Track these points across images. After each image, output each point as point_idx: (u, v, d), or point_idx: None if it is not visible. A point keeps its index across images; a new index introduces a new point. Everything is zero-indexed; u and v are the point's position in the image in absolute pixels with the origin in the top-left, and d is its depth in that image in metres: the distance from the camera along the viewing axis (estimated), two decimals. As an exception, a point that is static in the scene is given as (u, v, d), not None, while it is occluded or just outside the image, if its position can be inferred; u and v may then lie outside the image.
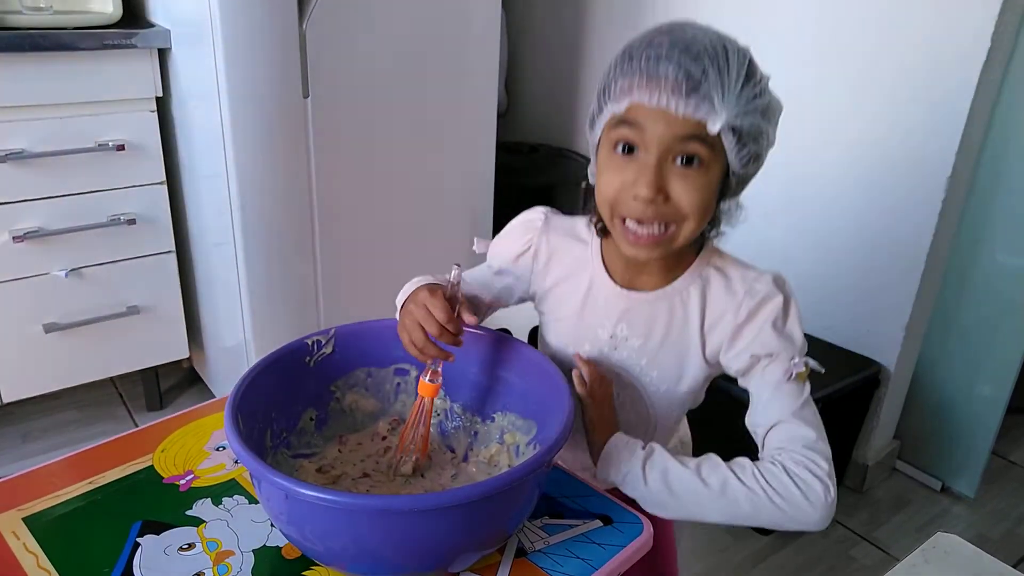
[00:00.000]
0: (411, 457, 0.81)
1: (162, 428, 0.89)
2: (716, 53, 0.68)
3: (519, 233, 0.90)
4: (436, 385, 0.79)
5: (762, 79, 0.71)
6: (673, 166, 0.70)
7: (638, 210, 0.71)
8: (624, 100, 0.70)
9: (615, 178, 0.73)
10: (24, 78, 1.51)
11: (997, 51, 1.49)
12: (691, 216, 0.72)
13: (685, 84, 0.67)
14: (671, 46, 0.68)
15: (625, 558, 0.73)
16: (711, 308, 0.80)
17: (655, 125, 0.69)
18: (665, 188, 0.70)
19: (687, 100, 0.67)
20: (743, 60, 0.69)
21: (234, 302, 1.68)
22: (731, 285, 0.80)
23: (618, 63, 0.72)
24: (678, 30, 0.70)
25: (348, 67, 1.56)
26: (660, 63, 0.67)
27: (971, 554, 0.77)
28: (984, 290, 1.72)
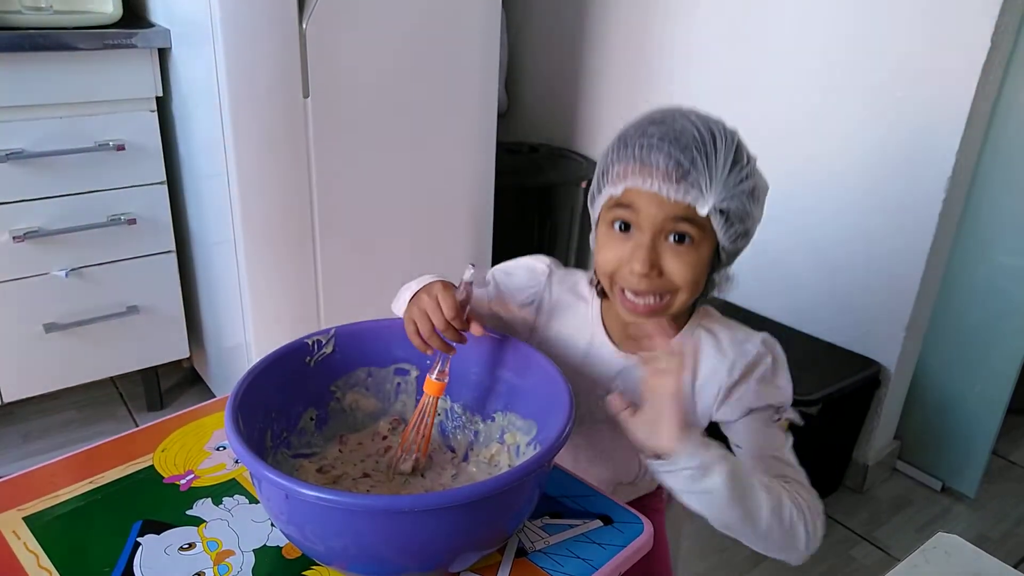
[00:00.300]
0: (411, 455, 0.81)
1: (162, 428, 0.89)
2: (704, 142, 0.74)
3: (523, 282, 0.93)
4: (443, 383, 0.80)
5: (749, 162, 0.77)
6: (666, 243, 0.76)
7: (634, 283, 0.77)
8: (620, 184, 0.76)
9: (613, 253, 0.78)
10: (24, 78, 1.51)
11: (997, 51, 1.49)
12: (684, 288, 0.77)
13: (675, 172, 0.73)
14: (662, 137, 0.74)
15: (625, 558, 0.73)
16: (702, 368, 0.85)
17: (649, 207, 0.75)
18: (659, 264, 0.76)
19: (677, 186, 0.73)
20: (730, 147, 0.75)
21: (234, 302, 1.68)
22: (721, 346, 0.85)
23: (614, 149, 0.78)
24: (669, 119, 0.76)
25: (348, 67, 1.56)
26: (652, 152, 0.74)
27: (972, 554, 0.77)
28: (984, 290, 1.72)
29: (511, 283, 0.93)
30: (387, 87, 1.63)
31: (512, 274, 0.94)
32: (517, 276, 0.93)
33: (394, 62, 1.62)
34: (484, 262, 1.95)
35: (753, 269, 1.93)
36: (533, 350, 0.82)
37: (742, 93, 1.89)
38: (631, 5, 2.09)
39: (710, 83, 1.95)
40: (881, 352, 1.76)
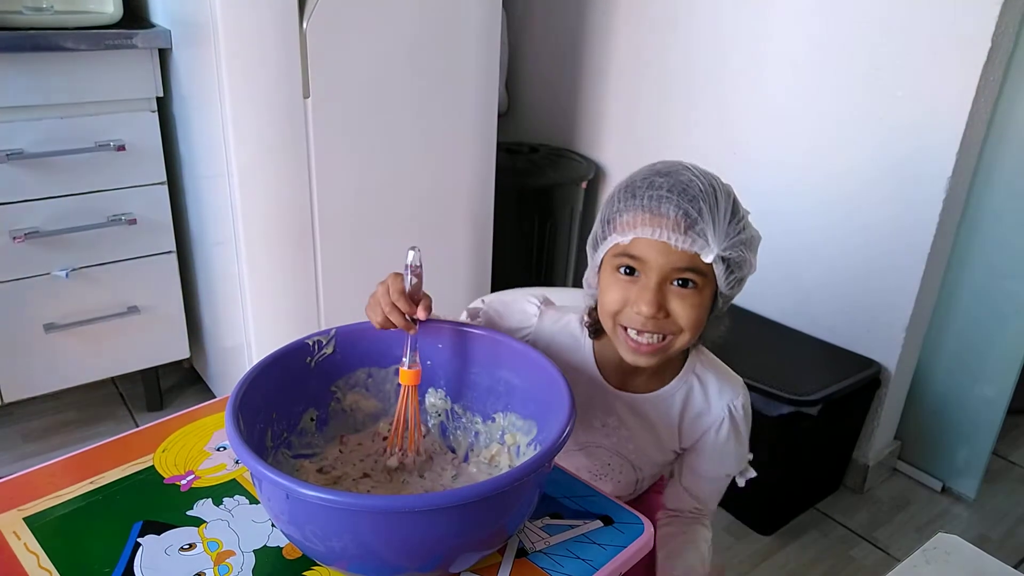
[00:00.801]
0: (396, 451, 0.81)
1: (162, 428, 0.89)
2: (708, 195, 0.78)
3: (516, 323, 0.95)
4: (416, 371, 0.80)
5: (744, 215, 0.81)
6: (671, 287, 0.80)
7: (639, 322, 0.80)
8: (628, 233, 0.79)
9: (619, 295, 0.81)
10: (24, 78, 1.51)
11: (997, 51, 1.49)
12: (687, 330, 0.81)
13: (683, 222, 0.77)
14: (670, 189, 0.78)
15: (626, 558, 0.73)
16: (690, 410, 0.92)
17: (656, 256, 0.78)
18: (665, 306, 0.80)
19: (685, 236, 0.77)
20: (729, 200, 0.80)
21: (235, 302, 1.68)
22: (708, 394, 0.91)
23: (621, 198, 0.81)
24: (674, 172, 0.80)
25: (348, 67, 1.56)
26: (662, 203, 0.77)
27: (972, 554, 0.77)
28: (984, 290, 1.72)
29: (501, 321, 0.95)
30: (387, 87, 1.63)
31: (504, 314, 0.96)
32: (509, 317, 0.95)
33: (394, 62, 1.62)
34: (484, 262, 1.96)
35: (753, 269, 1.94)
36: (533, 350, 0.82)
37: (742, 93, 1.89)
38: (631, 5, 2.09)
39: (710, 83, 1.95)
40: (881, 352, 1.76)
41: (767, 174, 1.86)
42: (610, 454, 0.96)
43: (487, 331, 0.86)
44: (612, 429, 0.93)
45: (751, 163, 1.89)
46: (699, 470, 0.95)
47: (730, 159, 1.92)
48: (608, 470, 0.97)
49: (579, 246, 2.32)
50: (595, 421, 0.93)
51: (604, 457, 0.96)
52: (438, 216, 1.82)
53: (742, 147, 1.90)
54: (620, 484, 0.99)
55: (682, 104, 2.03)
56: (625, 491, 1.00)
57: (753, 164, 1.88)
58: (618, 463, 0.97)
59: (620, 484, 0.99)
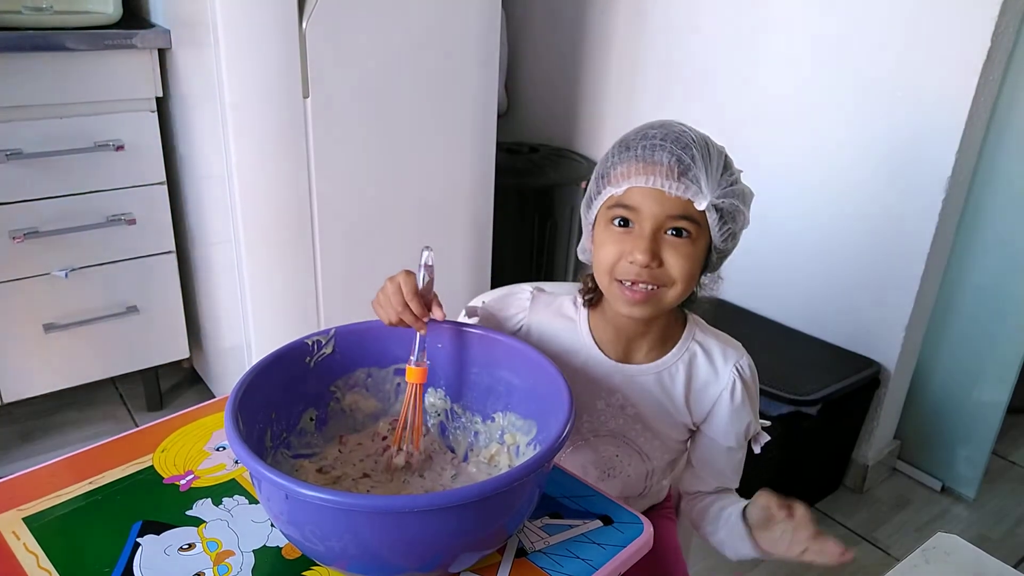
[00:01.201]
0: (403, 449, 0.81)
1: (162, 428, 0.89)
2: (700, 145, 0.79)
3: (508, 312, 0.94)
4: (423, 368, 0.80)
5: (736, 172, 0.82)
6: (665, 237, 0.80)
7: (634, 272, 0.80)
8: (623, 184, 0.80)
9: (614, 248, 0.81)
10: (25, 78, 1.51)
11: (997, 51, 1.49)
12: (679, 280, 0.81)
13: (677, 168, 0.77)
14: (663, 138, 0.79)
15: (625, 558, 0.73)
16: (696, 379, 0.90)
17: (651, 204, 0.79)
18: (659, 255, 0.80)
19: (678, 183, 0.77)
20: (721, 153, 0.81)
21: (234, 302, 1.68)
22: (713, 360, 0.90)
23: (615, 152, 0.82)
24: (668, 126, 0.81)
25: (348, 67, 1.56)
26: (655, 151, 0.78)
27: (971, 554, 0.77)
28: (984, 290, 1.72)
29: (497, 314, 0.95)
30: (387, 87, 1.63)
31: (499, 307, 0.95)
32: (501, 307, 0.95)
33: (394, 62, 1.62)
34: (484, 262, 1.96)
35: (753, 269, 1.94)
36: (533, 350, 0.82)
37: (742, 93, 1.89)
38: (631, 5, 2.09)
39: (710, 83, 1.95)
40: (881, 352, 1.76)
41: (767, 174, 1.86)
42: (617, 444, 0.94)
43: (487, 331, 0.86)
44: (616, 409, 0.91)
45: (751, 163, 1.87)
46: (718, 440, 0.92)
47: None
48: (616, 463, 0.95)
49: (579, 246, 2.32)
50: (598, 402, 0.91)
51: (611, 449, 0.94)
52: (438, 216, 1.82)
53: (742, 147, 1.89)
54: (631, 479, 0.96)
55: (682, 104, 2.03)
56: (636, 488, 0.98)
57: (753, 164, 1.87)
58: (626, 454, 0.94)
59: (631, 479, 0.96)
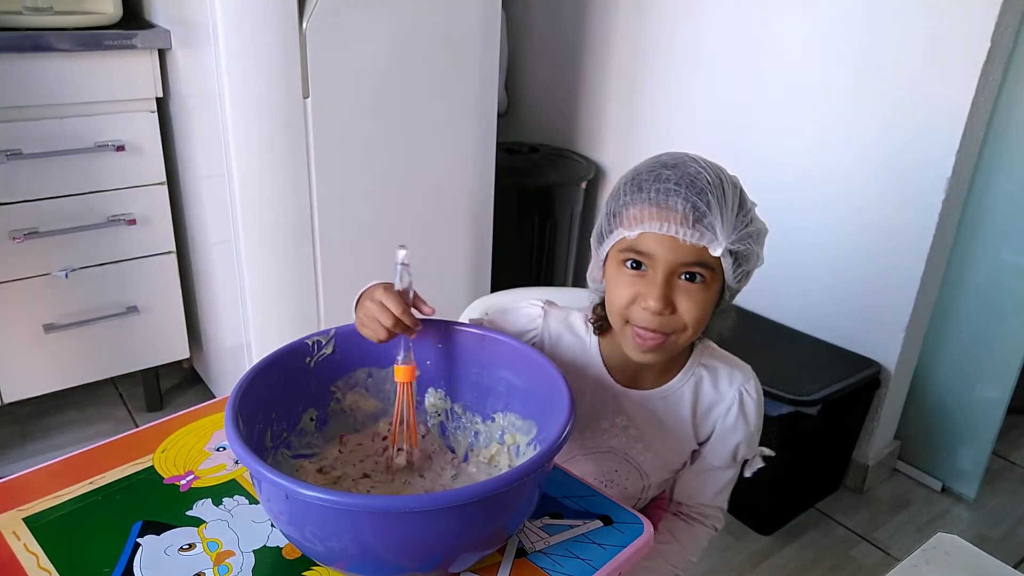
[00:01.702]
0: (402, 449, 0.81)
1: (162, 428, 0.89)
2: (715, 187, 0.77)
3: (522, 326, 0.94)
4: (411, 367, 0.80)
5: (751, 207, 0.81)
6: (679, 282, 0.79)
7: (647, 319, 0.79)
8: (636, 228, 0.78)
9: (627, 291, 0.80)
10: (24, 78, 1.51)
11: (997, 51, 1.49)
12: (691, 327, 0.80)
13: (692, 216, 0.76)
14: (678, 182, 0.77)
15: (625, 558, 0.73)
16: (702, 402, 0.91)
17: (664, 251, 0.77)
18: (672, 302, 0.79)
19: (693, 230, 0.76)
20: (736, 192, 0.79)
21: (234, 302, 1.68)
22: (719, 383, 0.91)
23: (628, 191, 0.80)
24: (681, 164, 0.78)
25: (348, 67, 1.56)
26: (670, 196, 0.76)
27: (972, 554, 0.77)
28: (985, 290, 1.72)
29: (507, 329, 0.94)
30: (387, 87, 1.63)
31: (507, 322, 0.95)
32: (513, 323, 0.94)
33: (394, 62, 1.62)
34: (484, 262, 1.95)
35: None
36: (533, 350, 0.82)
37: (742, 93, 1.89)
38: (631, 5, 2.09)
39: (710, 83, 1.95)
40: (881, 352, 1.76)
41: (767, 174, 1.86)
42: (617, 460, 0.95)
43: (487, 331, 0.86)
44: (620, 429, 0.92)
45: (751, 163, 1.88)
46: (707, 457, 0.93)
47: (730, 159, 1.91)
48: (615, 477, 0.96)
49: (579, 246, 2.32)
50: (603, 422, 0.92)
51: (611, 463, 0.95)
52: (438, 216, 1.82)
53: (742, 147, 1.90)
54: (626, 492, 0.97)
55: (682, 104, 2.03)
56: (630, 499, 0.99)
57: (753, 164, 1.88)
58: (625, 470, 0.96)
59: (626, 492, 0.97)
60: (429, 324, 0.85)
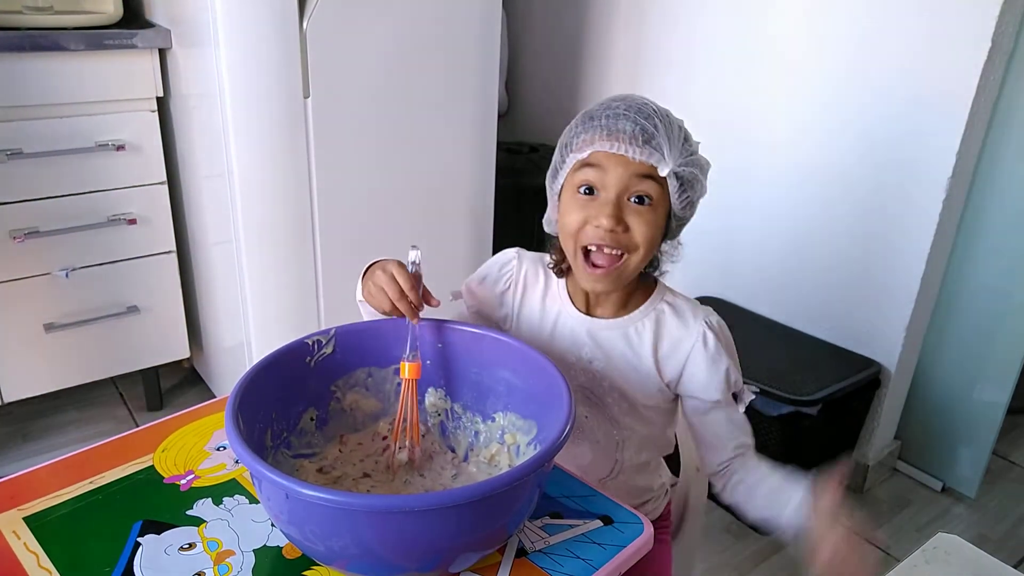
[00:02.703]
0: (404, 446, 0.81)
1: (162, 428, 0.89)
2: (662, 116, 0.82)
3: (497, 273, 0.97)
4: (417, 364, 0.81)
5: (695, 143, 0.85)
6: (628, 203, 0.83)
7: (599, 236, 0.83)
8: (587, 149, 0.83)
9: (579, 214, 0.84)
10: (24, 78, 1.51)
11: (997, 51, 1.49)
12: (642, 246, 0.84)
13: (640, 136, 0.81)
14: (627, 108, 0.82)
15: (625, 558, 0.73)
16: (665, 337, 0.91)
17: (615, 168, 0.82)
18: (624, 220, 0.83)
19: (642, 149, 0.80)
20: (681, 126, 0.84)
21: (235, 302, 1.68)
22: (683, 317, 0.91)
23: (579, 123, 0.85)
24: (630, 99, 0.84)
25: (348, 67, 1.56)
26: (619, 120, 0.81)
27: (972, 554, 0.77)
28: (984, 290, 1.72)
29: (486, 284, 0.97)
30: (387, 87, 1.63)
31: (484, 275, 0.98)
32: (489, 274, 0.98)
33: (394, 62, 1.62)
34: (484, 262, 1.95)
35: (753, 269, 1.94)
36: (533, 350, 0.82)
37: (741, 93, 1.89)
38: (631, 5, 2.09)
39: (709, 83, 1.95)
40: (881, 352, 1.76)
41: (767, 174, 1.86)
42: (587, 403, 0.94)
43: (488, 331, 0.86)
44: (586, 363, 0.92)
45: (751, 163, 1.88)
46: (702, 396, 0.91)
47: (730, 159, 1.92)
48: (585, 424, 0.94)
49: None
50: (569, 356, 0.93)
51: (581, 408, 0.94)
52: (438, 216, 1.82)
53: (742, 147, 1.90)
54: (599, 445, 0.95)
55: (681, 104, 2.01)
56: (605, 462, 0.96)
57: (753, 164, 1.88)
58: (595, 416, 0.94)
59: (599, 445, 0.95)
60: (429, 324, 0.85)
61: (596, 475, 0.97)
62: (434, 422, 0.87)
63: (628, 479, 0.99)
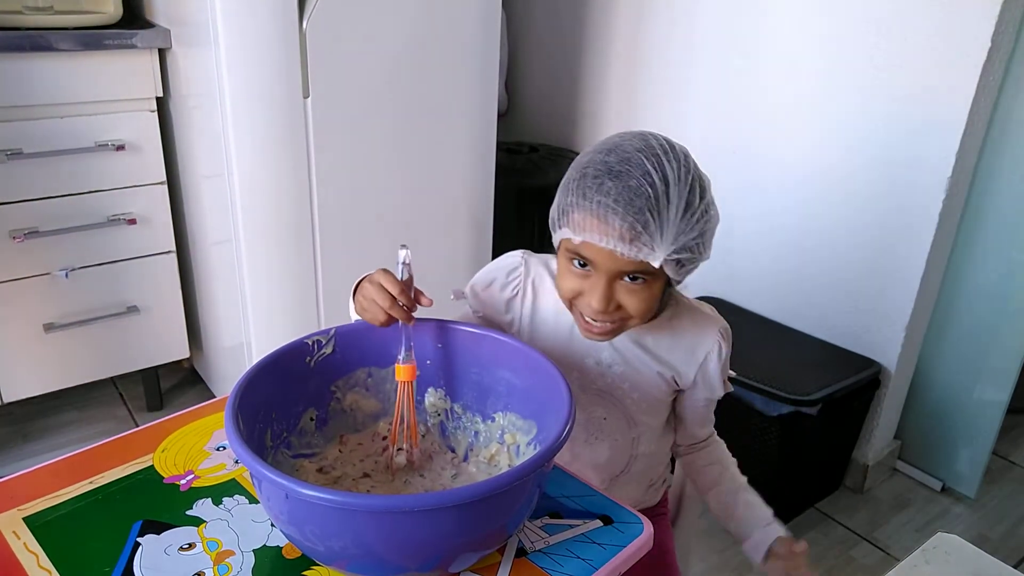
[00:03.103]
0: (404, 448, 0.81)
1: (162, 428, 0.89)
2: (659, 199, 0.77)
3: (504, 279, 0.97)
4: (411, 366, 0.81)
5: (702, 200, 0.80)
6: (621, 282, 0.82)
7: (591, 313, 0.84)
8: (579, 235, 0.80)
9: (574, 285, 0.84)
10: (24, 78, 1.51)
11: (997, 51, 1.49)
12: (637, 317, 0.84)
13: (629, 234, 0.77)
14: (617, 199, 0.77)
15: (625, 558, 0.73)
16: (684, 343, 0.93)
17: (605, 260, 0.80)
18: (616, 300, 0.83)
19: (631, 247, 0.78)
20: (683, 193, 0.78)
21: (235, 302, 1.68)
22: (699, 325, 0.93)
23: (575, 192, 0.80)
24: (626, 175, 0.77)
25: (348, 67, 1.56)
26: (609, 214, 0.77)
27: (971, 554, 0.77)
28: (984, 290, 1.72)
29: (492, 288, 0.96)
30: (387, 87, 1.63)
31: (489, 281, 0.97)
32: (496, 279, 0.97)
33: (394, 62, 1.62)
34: (484, 262, 1.93)
35: (754, 269, 1.93)
36: (533, 350, 0.82)
37: (741, 93, 1.89)
38: (631, 5, 2.09)
39: (710, 83, 1.95)
40: (881, 352, 1.76)
41: (767, 174, 1.86)
42: (605, 404, 0.95)
43: (487, 331, 0.86)
44: (605, 367, 0.93)
45: (751, 163, 1.88)
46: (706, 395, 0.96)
47: (730, 159, 1.92)
48: (604, 425, 0.96)
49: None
50: (588, 359, 0.93)
51: (599, 410, 0.95)
52: (438, 216, 1.82)
53: (742, 147, 1.90)
54: (616, 443, 0.97)
55: (682, 104, 2.03)
56: (621, 458, 0.98)
57: (753, 164, 1.88)
58: (613, 417, 0.95)
59: (616, 443, 0.97)
60: (429, 324, 0.85)
61: (611, 471, 0.99)
62: (434, 422, 0.87)
63: (639, 471, 1.01)
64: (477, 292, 0.98)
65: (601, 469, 0.98)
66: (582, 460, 0.97)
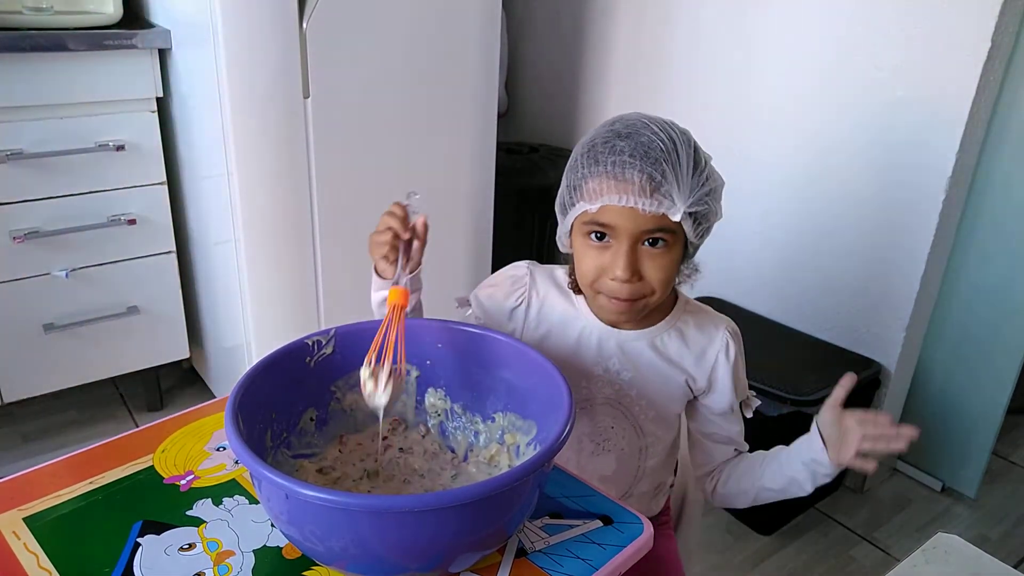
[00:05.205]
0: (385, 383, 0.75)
1: (162, 428, 0.89)
2: (670, 153, 0.79)
3: (509, 288, 0.96)
4: (405, 290, 0.81)
5: (706, 163, 0.82)
6: (642, 248, 0.82)
7: (615, 289, 0.83)
8: (596, 201, 0.81)
9: (594, 262, 0.84)
10: (24, 78, 1.51)
11: (997, 51, 1.49)
12: (658, 289, 0.84)
13: (648, 186, 0.78)
14: (632, 153, 0.79)
15: (625, 558, 0.73)
16: (693, 347, 0.93)
17: (625, 222, 0.80)
18: (639, 269, 0.82)
19: (651, 199, 0.78)
20: (690, 152, 0.80)
21: (235, 302, 1.68)
22: (707, 327, 0.93)
23: (585, 163, 0.82)
24: (634, 132, 0.80)
25: (348, 67, 1.56)
26: (626, 169, 0.78)
27: (971, 554, 0.77)
28: (984, 290, 1.72)
29: (496, 298, 0.96)
30: (387, 87, 1.63)
31: (494, 290, 0.97)
32: (500, 288, 0.97)
33: (394, 62, 1.62)
34: (484, 262, 1.95)
35: (753, 269, 1.94)
36: (533, 350, 0.82)
37: (741, 93, 1.89)
38: (631, 5, 2.09)
39: (709, 83, 1.95)
40: (881, 352, 1.76)
41: (767, 174, 1.86)
42: (613, 414, 0.95)
43: (487, 331, 0.86)
44: (614, 375, 0.93)
45: (751, 163, 1.88)
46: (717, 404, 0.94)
47: (730, 159, 1.91)
48: (611, 434, 0.96)
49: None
50: (596, 368, 0.93)
51: (607, 419, 0.95)
52: (438, 216, 1.80)
53: (742, 147, 1.90)
54: (624, 453, 0.97)
55: (682, 104, 2.03)
56: (630, 467, 0.98)
57: (753, 164, 1.88)
58: (621, 425, 0.95)
59: (624, 453, 0.97)
60: (430, 324, 0.85)
61: (619, 485, 0.98)
62: (434, 422, 0.87)
63: (647, 483, 1.00)
64: (481, 301, 0.98)
65: (607, 482, 0.97)
66: (588, 472, 0.96)
